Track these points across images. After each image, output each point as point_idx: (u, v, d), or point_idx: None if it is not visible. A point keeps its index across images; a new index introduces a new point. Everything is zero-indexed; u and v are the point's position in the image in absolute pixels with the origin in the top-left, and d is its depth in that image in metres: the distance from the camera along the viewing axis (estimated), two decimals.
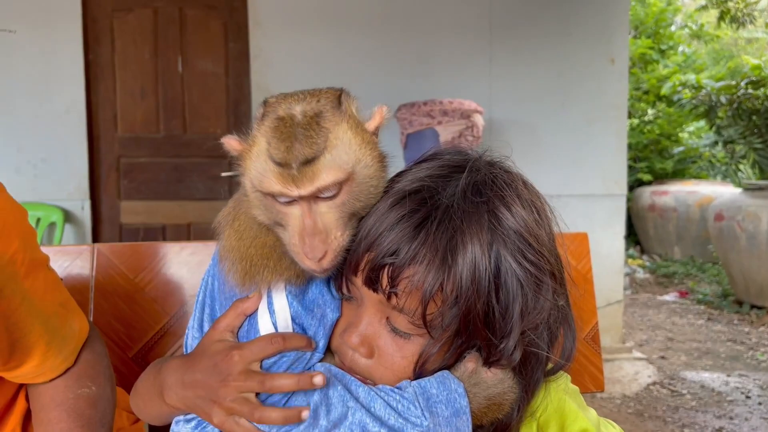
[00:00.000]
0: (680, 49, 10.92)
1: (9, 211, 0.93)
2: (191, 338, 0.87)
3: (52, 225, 4.02)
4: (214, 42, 4.20)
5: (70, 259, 1.44)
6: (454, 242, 0.73)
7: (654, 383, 4.02)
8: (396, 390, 0.77)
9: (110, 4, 4.15)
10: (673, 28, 11.00)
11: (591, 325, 1.49)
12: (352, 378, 0.78)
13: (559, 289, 0.81)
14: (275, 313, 0.79)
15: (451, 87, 4.09)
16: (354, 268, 0.77)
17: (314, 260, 0.74)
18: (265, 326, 0.79)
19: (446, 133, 3.51)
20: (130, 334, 1.41)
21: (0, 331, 0.89)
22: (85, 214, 4.13)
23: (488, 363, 0.78)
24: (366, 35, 4.17)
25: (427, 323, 0.74)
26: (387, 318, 0.77)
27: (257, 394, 0.76)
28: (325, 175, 0.72)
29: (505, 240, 0.75)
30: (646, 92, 9.81)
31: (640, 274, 7.53)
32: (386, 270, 0.74)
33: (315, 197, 0.73)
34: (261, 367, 0.77)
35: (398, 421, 0.74)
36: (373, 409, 0.75)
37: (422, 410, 0.75)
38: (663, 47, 10.38)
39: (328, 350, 0.83)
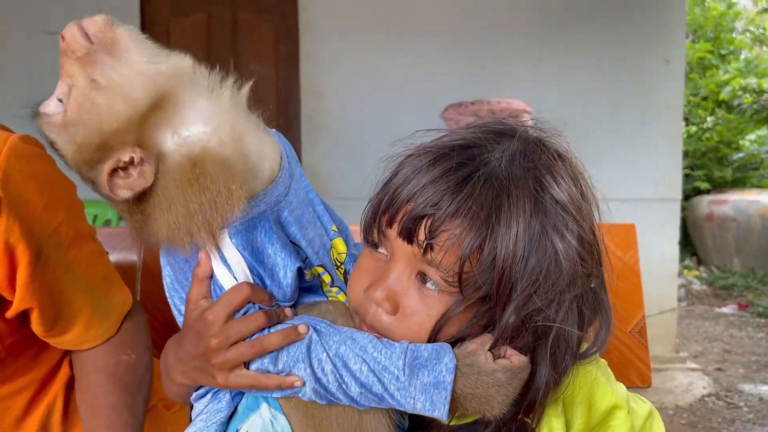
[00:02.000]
0: (742, 55, 10.56)
1: (57, 183, 0.97)
2: (180, 323, 0.87)
3: (107, 222, 4.15)
4: (265, 45, 4.29)
5: (120, 241, 1.48)
6: (499, 201, 0.72)
7: (709, 395, 3.87)
8: (384, 339, 0.76)
9: (167, 9, 4.28)
10: (734, 34, 10.65)
11: (638, 318, 1.44)
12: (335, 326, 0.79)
13: (595, 270, 0.79)
14: (231, 267, 0.79)
15: (499, 87, 4.05)
16: (389, 219, 0.76)
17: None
18: (226, 281, 0.79)
19: None
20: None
21: (45, 298, 0.93)
22: None
23: (497, 344, 0.75)
24: (415, 36, 4.18)
25: (462, 280, 0.73)
26: (417, 274, 0.76)
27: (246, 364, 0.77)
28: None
29: (549, 210, 0.73)
30: (705, 98, 9.51)
31: (697, 286, 7.28)
32: (425, 221, 0.73)
33: None
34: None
35: (378, 363, 0.74)
36: (358, 343, 0.75)
37: (404, 365, 0.73)
38: (723, 52, 10.06)
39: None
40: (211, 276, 0.80)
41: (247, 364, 0.78)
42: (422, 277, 0.76)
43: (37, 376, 1.07)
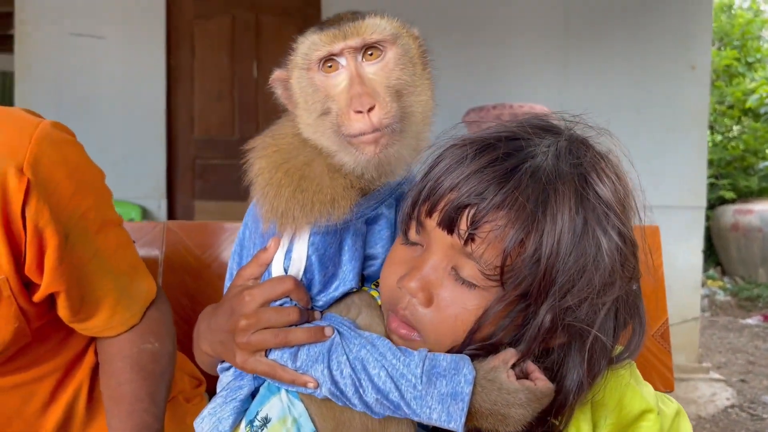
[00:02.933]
0: None
1: (87, 170, 0.99)
2: (226, 288, 0.89)
3: (130, 221, 4.20)
4: (288, 47, 4.30)
5: (143, 235, 1.49)
6: (546, 196, 0.70)
7: (732, 406, 3.80)
8: (402, 348, 0.76)
9: (192, 11, 4.33)
10: (761, 42, 10.49)
11: (661, 322, 1.42)
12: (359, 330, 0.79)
13: (636, 273, 0.77)
14: (291, 260, 0.80)
15: (523, 92, 4.03)
16: (430, 208, 0.75)
17: (363, 112, 0.73)
18: (277, 269, 0.81)
19: None
20: (195, 308, 1.45)
21: (71, 282, 0.94)
22: (161, 212, 4.30)
23: (524, 359, 0.74)
24: (437, 39, 4.16)
25: (503, 275, 0.71)
26: (453, 267, 0.74)
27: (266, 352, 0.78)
28: (370, 29, 0.75)
29: (593, 206, 0.72)
30: (731, 106, 9.38)
31: (721, 296, 7.16)
32: (468, 211, 0.71)
33: (364, 53, 0.76)
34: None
35: (396, 370, 0.73)
36: (378, 348, 0.75)
37: (422, 373, 0.72)
38: (750, 60, 9.92)
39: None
40: (271, 263, 0.82)
41: (267, 352, 0.78)
42: (457, 272, 0.74)
43: (62, 362, 1.09)
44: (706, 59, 4.23)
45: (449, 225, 0.73)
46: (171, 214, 4.37)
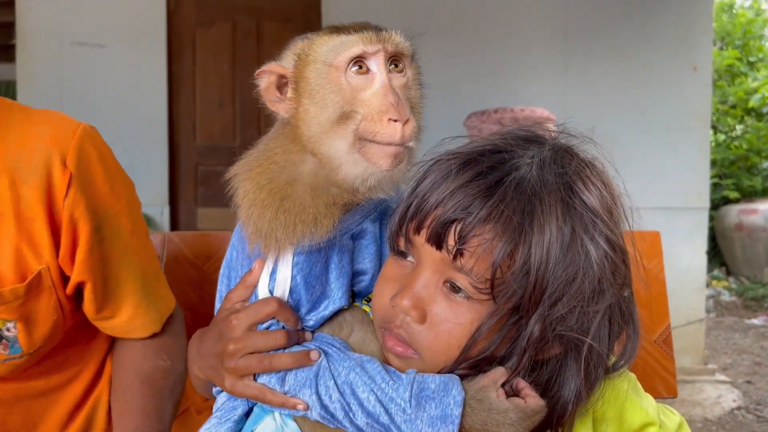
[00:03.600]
0: None
1: (121, 175, 1.05)
2: (216, 311, 0.89)
3: None
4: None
5: None
6: (531, 207, 0.70)
7: (739, 408, 3.78)
8: (392, 370, 0.75)
9: (193, 18, 4.35)
10: (763, 41, 10.47)
11: (663, 327, 1.42)
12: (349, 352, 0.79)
13: (628, 279, 0.77)
14: (276, 281, 0.79)
15: (524, 96, 4.03)
16: (417, 225, 0.75)
17: (401, 121, 0.73)
18: (262, 291, 0.80)
19: None
20: (197, 319, 1.45)
21: (98, 275, 0.98)
22: (164, 219, 4.30)
23: (515, 375, 0.74)
24: (438, 44, 4.18)
25: (493, 288, 0.71)
26: (445, 281, 0.74)
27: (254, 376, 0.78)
28: (400, 41, 0.77)
29: (580, 214, 0.72)
30: (733, 106, 9.36)
31: (726, 297, 7.14)
32: (455, 226, 0.71)
33: (391, 62, 0.76)
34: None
35: (385, 395, 0.73)
36: (367, 372, 0.75)
37: (410, 397, 0.72)
38: (752, 59, 9.90)
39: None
40: (257, 284, 0.81)
41: (256, 376, 0.78)
42: (450, 285, 0.74)
43: (86, 367, 1.12)
44: (708, 60, 4.22)
45: (437, 241, 0.73)
46: (174, 222, 4.38)
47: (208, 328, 0.86)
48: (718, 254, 8.19)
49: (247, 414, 0.83)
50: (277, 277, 0.79)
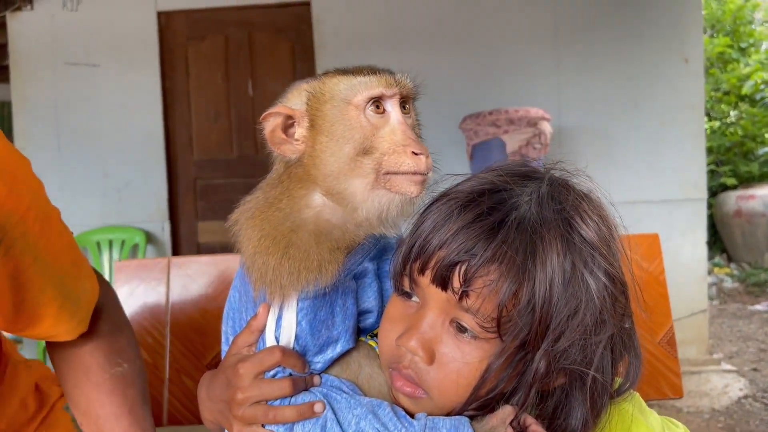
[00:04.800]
0: (763, 47, 10.37)
1: (16, 162, 0.86)
2: (223, 353, 0.90)
3: (135, 246, 4.22)
4: (282, 64, 4.33)
5: (147, 273, 1.51)
6: (533, 246, 0.72)
7: (746, 396, 3.79)
8: (403, 415, 0.76)
9: (185, 33, 4.36)
10: (753, 26, 10.47)
11: (666, 329, 1.43)
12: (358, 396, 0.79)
13: (628, 310, 0.78)
14: (282, 328, 0.80)
15: (518, 96, 4.05)
16: (421, 267, 0.76)
17: (423, 155, 0.78)
18: (269, 339, 0.81)
19: (513, 142, 3.46)
20: (204, 342, 1.47)
21: (4, 291, 0.85)
22: (165, 235, 4.32)
23: (521, 412, 0.75)
24: (429, 48, 4.19)
25: (500, 327, 0.72)
26: (451, 321, 0.75)
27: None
28: (410, 83, 0.82)
29: (579, 249, 0.73)
30: (727, 93, 9.37)
31: (728, 284, 7.14)
32: (459, 268, 0.72)
33: (402, 104, 0.81)
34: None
35: None
36: (380, 419, 0.75)
37: None
38: (743, 45, 9.90)
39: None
40: (264, 329, 0.82)
41: (264, 424, 0.79)
42: (456, 325, 0.75)
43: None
44: (699, 51, 4.23)
45: (442, 282, 0.74)
46: (175, 237, 4.39)
47: (216, 371, 0.86)
48: (718, 241, 8.20)
49: None
50: (283, 324, 0.80)
